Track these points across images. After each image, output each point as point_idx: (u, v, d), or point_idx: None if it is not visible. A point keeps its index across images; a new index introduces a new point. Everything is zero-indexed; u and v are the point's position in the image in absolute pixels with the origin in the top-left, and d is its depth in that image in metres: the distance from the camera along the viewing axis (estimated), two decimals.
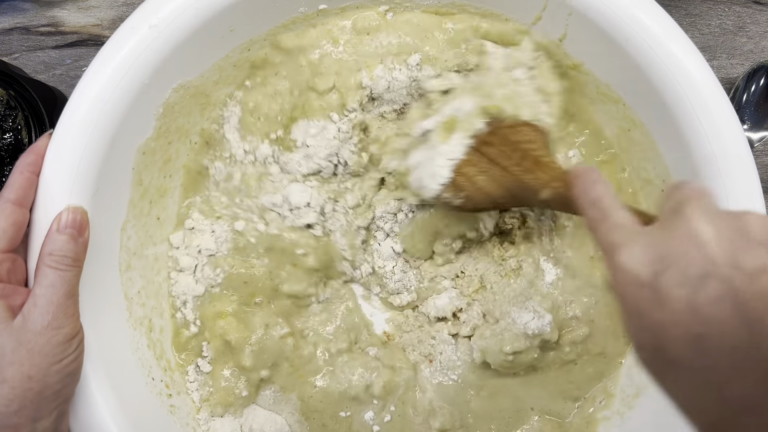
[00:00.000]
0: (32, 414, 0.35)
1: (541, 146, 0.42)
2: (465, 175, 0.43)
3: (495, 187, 0.43)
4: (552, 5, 0.44)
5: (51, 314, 0.35)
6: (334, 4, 0.47)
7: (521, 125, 0.43)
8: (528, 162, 0.41)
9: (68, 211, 0.38)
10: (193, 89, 0.46)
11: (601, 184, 0.32)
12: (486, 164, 0.43)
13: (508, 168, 0.42)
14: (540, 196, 0.40)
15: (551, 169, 0.40)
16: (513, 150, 0.42)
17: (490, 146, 0.43)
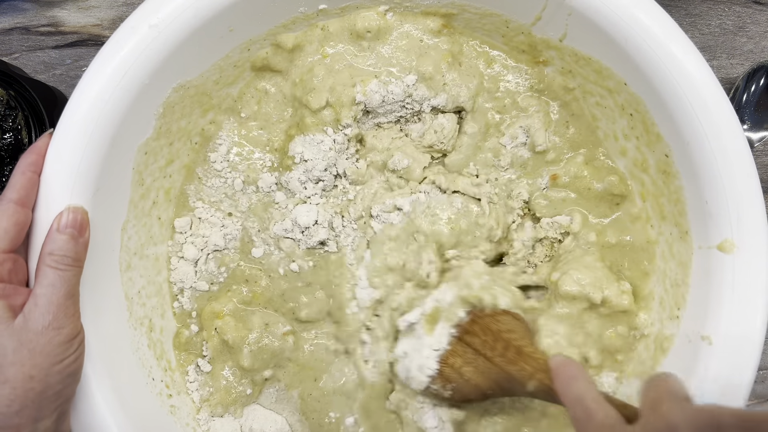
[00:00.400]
0: (34, 414, 0.35)
1: (523, 335, 0.44)
2: (452, 367, 0.44)
3: (482, 379, 0.44)
4: (552, 5, 0.44)
5: (52, 314, 0.35)
6: (334, 4, 0.47)
7: (500, 314, 0.45)
8: (511, 352, 0.42)
9: (68, 211, 0.38)
10: (193, 89, 0.46)
11: (581, 381, 0.33)
12: (471, 355, 0.44)
13: (492, 359, 0.43)
14: (527, 388, 0.41)
15: (534, 360, 0.41)
16: (495, 340, 0.43)
17: (474, 336, 0.44)
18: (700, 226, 0.43)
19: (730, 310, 0.40)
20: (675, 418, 0.27)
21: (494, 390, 0.43)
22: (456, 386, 0.44)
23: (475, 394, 0.44)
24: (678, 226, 0.45)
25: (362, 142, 0.51)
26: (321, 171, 0.48)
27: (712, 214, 0.41)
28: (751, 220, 0.40)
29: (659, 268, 0.47)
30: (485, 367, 0.43)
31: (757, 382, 0.59)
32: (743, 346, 0.40)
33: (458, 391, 0.44)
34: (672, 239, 0.46)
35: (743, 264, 0.40)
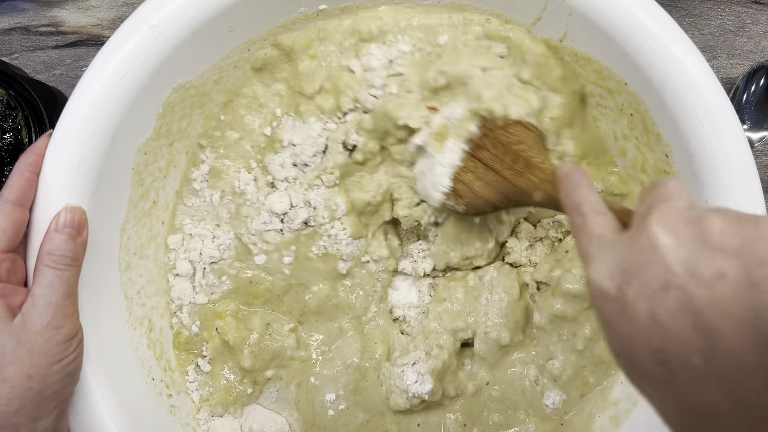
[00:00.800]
0: (32, 413, 0.35)
1: (532, 145, 0.43)
2: (464, 183, 0.44)
3: (492, 192, 0.43)
4: (552, 5, 0.44)
5: (50, 314, 0.35)
6: (334, 4, 0.47)
7: (512, 124, 0.43)
8: (520, 164, 0.42)
9: (66, 211, 0.38)
10: (193, 89, 0.46)
11: (584, 188, 0.33)
12: (482, 170, 0.44)
13: (501, 172, 0.43)
14: (533, 198, 0.41)
15: (542, 171, 0.41)
16: (505, 153, 0.43)
17: (484, 150, 0.44)
18: None
19: None
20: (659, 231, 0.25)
21: (504, 202, 0.44)
22: (469, 201, 0.45)
23: (487, 206, 0.44)
24: None
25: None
26: (309, 157, 0.48)
27: None
28: None
29: None
30: (494, 180, 0.43)
31: None
32: None
33: (471, 205, 0.45)
34: None
35: None
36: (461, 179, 0.44)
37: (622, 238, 0.28)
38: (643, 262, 0.26)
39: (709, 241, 0.24)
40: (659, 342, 0.24)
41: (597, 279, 0.27)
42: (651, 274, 0.25)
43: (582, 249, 0.30)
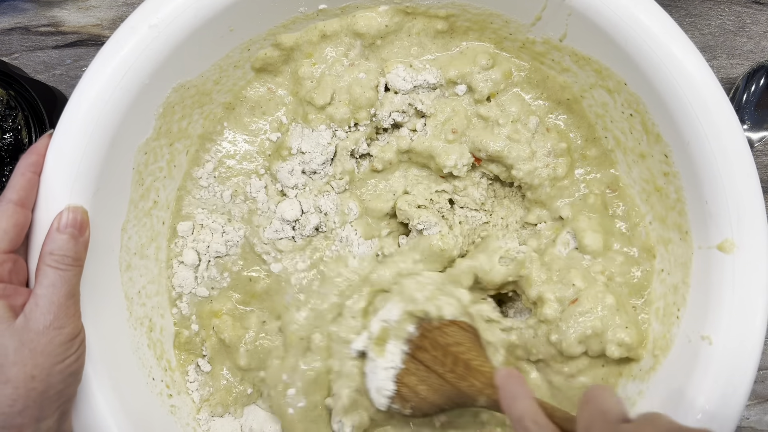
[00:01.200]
0: (36, 414, 0.35)
1: (470, 347, 0.44)
2: (407, 386, 0.45)
3: (437, 396, 0.44)
4: (552, 5, 0.44)
5: (53, 314, 0.35)
6: (334, 4, 0.47)
7: (448, 325, 0.45)
8: (460, 368, 0.43)
9: (68, 211, 0.38)
10: (194, 89, 0.46)
11: (521, 399, 0.35)
12: (424, 372, 0.45)
13: (443, 375, 0.44)
14: (477, 403, 0.42)
15: (483, 375, 0.42)
16: (444, 355, 0.44)
17: (424, 351, 0.45)
18: (700, 226, 0.43)
19: (730, 310, 0.40)
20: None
21: (450, 405, 0.44)
22: (414, 404, 0.45)
23: (433, 409, 0.45)
24: (678, 227, 0.45)
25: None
26: (318, 164, 0.48)
27: (712, 214, 0.41)
28: (751, 220, 0.40)
29: (659, 268, 0.47)
30: (438, 384, 0.44)
31: (757, 382, 0.59)
32: (743, 346, 0.40)
33: (417, 408, 0.45)
34: (672, 239, 0.46)
35: (743, 264, 0.40)
36: (405, 382, 0.45)
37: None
38: None
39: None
40: None
41: None
42: None
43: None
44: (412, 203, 0.50)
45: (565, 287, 0.47)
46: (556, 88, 0.50)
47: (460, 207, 0.52)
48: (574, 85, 0.49)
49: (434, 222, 0.49)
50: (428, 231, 0.49)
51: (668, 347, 0.44)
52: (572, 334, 0.45)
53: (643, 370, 0.46)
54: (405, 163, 0.52)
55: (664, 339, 0.45)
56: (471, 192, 0.51)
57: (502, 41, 0.50)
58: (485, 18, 0.48)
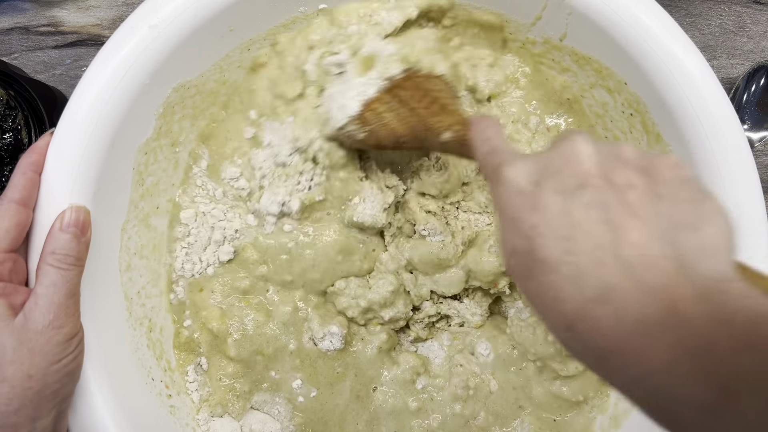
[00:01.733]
0: (32, 413, 0.35)
1: (450, 96, 0.44)
2: (373, 111, 0.44)
3: (400, 125, 0.43)
4: (552, 5, 0.44)
5: (52, 313, 0.36)
6: (334, 4, 0.47)
7: (435, 77, 0.45)
8: (436, 106, 0.43)
9: (71, 210, 0.38)
10: (193, 89, 0.46)
11: (495, 127, 0.34)
12: (396, 104, 0.44)
13: (416, 109, 0.43)
14: (441, 138, 0.41)
15: (456, 116, 0.41)
16: (423, 95, 0.44)
17: (403, 90, 0.44)
18: None
19: None
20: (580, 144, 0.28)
21: (409, 138, 0.43)
22: (372, 129, 0.44)
23: (390, 139, 0.44)
24: None
25: None
26: (286, 156, 0.48)
27: None
28: (751, 220, 0.40)
29: None
30: (407, 115, 0.43)
31: None
32: None
33: (373, 133, 0.44)
34: None
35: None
36: (372, 108, 0.44)
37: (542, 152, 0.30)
38: (562, 163, 0.27)
39: (623, 159, 0.27)
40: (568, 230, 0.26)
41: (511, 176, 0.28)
42: (569, 172, 0.27)
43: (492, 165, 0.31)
44: (424, 206, 0.50)
45: None
46: (556, 87, 0.50)
47: (463, 212, 0.51)
48: (574, 85, 0.49)
49: (439, 231, 0.48)
50: (431, 238, 0.49)
51: None
52: None
53: None
54: None
55: None
56: (476, 196, 0.51)
57: (503, 42, 0.50)
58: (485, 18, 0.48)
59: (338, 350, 0.49)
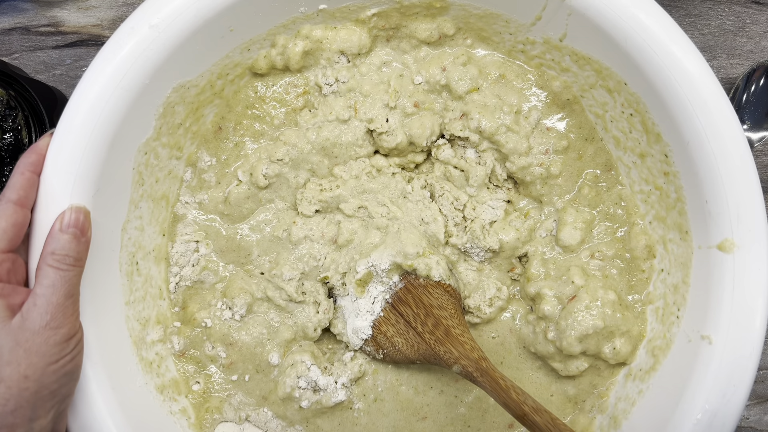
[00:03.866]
0: (29, 413, 0.35)
1: (453, 314, 0.46)
2: (384, 335, 0.47)
3: (412, 352, 0.46)
4: (552, 5, 0.44)
5: (50, 314, 0.35)
6: (334, 4, 0.47)
7: (433, 286, 0.46)
8: (440, 331, 0.45)
9: (71, 211, 0.38)
10: (193, 89, 0.46)
11: None
12: (403, 326, 0.46)
13: (422, 335, 0.45)
14: (452, 369, 0.44)
15: (461, 345, 0.44)
16: (426, 315, 0.46)
17: (407, 306, 0.46)
18: (700, 225, 0.43)
19: (730, 309, 0.40)
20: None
21: (422, 361, 0.46)
22: (388, 353, 0.47)
23: (405, 361, 0.47)
24: (678, 226, 0.45)
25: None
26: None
27: (712, 214, 0.41)
28: (751, 220, 0.40)
29: (659, 268, 0.47)
30: (415, 341, 0.46)
31: (757, 382, 0.59)
32: (743, 346, 0.40)
33: (389, 356, 0.47)
34: (672, 239, 0.46)
35: (743, 263, 0.40)
36: (382, 331, 0.47)
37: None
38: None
39: None
40: None
41: None
42: None
43: None
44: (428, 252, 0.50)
45: (564, 284, 0.47)
46: (556, 87, 0.50)
47: (471, 220, 0.51)
48: (574, 85, 0.49)
49: (442, 271, 0.48)
50: (431, 273, 0.48)
51: (668, 347, 0.44)
52: (572, 333, 0.45)
53: (643, 370, 0.46)
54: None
55: (664, 339, 0.45)
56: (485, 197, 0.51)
57: (503, 42, 0.50)
58: (486, 18, 0.48)
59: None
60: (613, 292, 0.47)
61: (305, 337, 0.50)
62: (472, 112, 0.49)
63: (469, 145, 0.50)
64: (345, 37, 0.49)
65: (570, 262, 0.49)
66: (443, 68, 0.50)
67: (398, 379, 0.50)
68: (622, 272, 0.49)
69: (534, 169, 0.49)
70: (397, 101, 0.49)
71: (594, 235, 0.50)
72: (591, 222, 0.49)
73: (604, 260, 0.49)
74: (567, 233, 0.48)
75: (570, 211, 0.49)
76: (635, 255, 0.48)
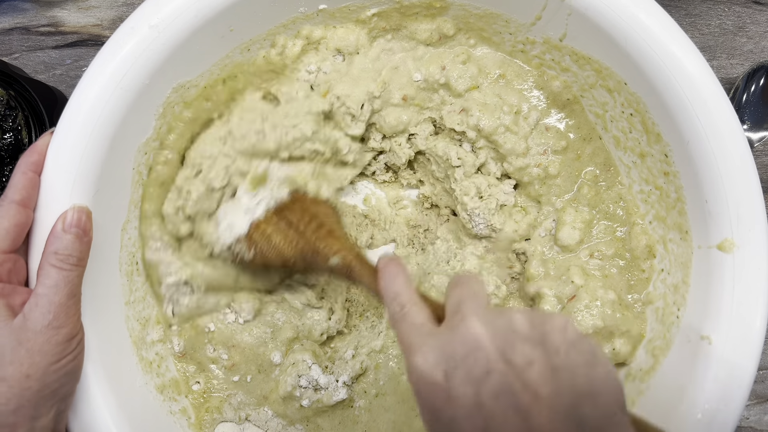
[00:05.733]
0: (30, 413, 0.35)
1: (336, 222, 0.46)
2: (262, 233, 0.46)
3: (288, 247, 0.45)
4: (552, 5, 0.44)
5: (52, 314, 0.35)
6: (334, 4, 0.47)
7: (322, 201, 0.47)
8: (323, 231, 0.45)
9: (73, 211, 0.38)
10: (193, 89, 0.46)
11: (401, 278, 0.35)
12: (284, 226, 0.46)
13: (304, 232, 0.45)
14: (329, 262, 0.43)
15: (342, 241, 0.44)
16: (311, 218, 0.46)
17: (291, 212, 0.46)
18: (700, 225, 0.43)
19: (730, 309, 0.40)
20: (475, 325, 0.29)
21: (297, 260, 0.45)
22: (261, 250, 0.45)
23: (277, 260, 0.45)
24: (678, 226, 0.45)
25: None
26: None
27: (712, 214, 0.41)
28: (751, 220, 0.40)
29: (658, 268, 0.47)
30: (295, 237, 0.45)
31: (757, 382, 0.59)
32: (743, 346, 0.40)
33: (261, 254, 0.46)
34: (672, 239, 0.46)
35: (743, 263, 0.40)
36: (260, 229, 0.46)
37: (442, 329, 0.31)
38: (466, 350, 0.29)
39: (518, 333, 0.29)
40: (483, 422, 0.27)
41: (423, 368, 0.30)
42: (474, 361, 0.28)
43: (404, 338, 0.32)
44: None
45: (564, 284, 0.47)
46: (556, 87, 0.50)
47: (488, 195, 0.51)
48: (574, 85, 0.49)
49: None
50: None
51: (668, 347, 0.44)
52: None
53: (643, 370, 0.46)
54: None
55: (664, 339, 0.45)
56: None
57: (503, 42, 0.50)
58: (486, 18, 0.48)
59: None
60: (612, 291, 0.47)
61: (309, 337, 0.50)
62: (472, 109, 0.49)
63: (465, 140, 0.50)
64: (342, 36, 0.48)
65: (569, 261, 0.49)
66: (443, 67, 0.50)
67: (400, 368, 0.50)
68: (621, 272, 0.49)
69: (531, 170, 0.49)
70: (383, 92, 0.49)
71: (593, 234, 0.50)
72: (590, 222, 0.49)
73: (603, 260, 0.49)
74: (566, 233, 0.48)
75: (569, 211, 0.49)
76: (635, 255, 0.48)
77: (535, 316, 0.30)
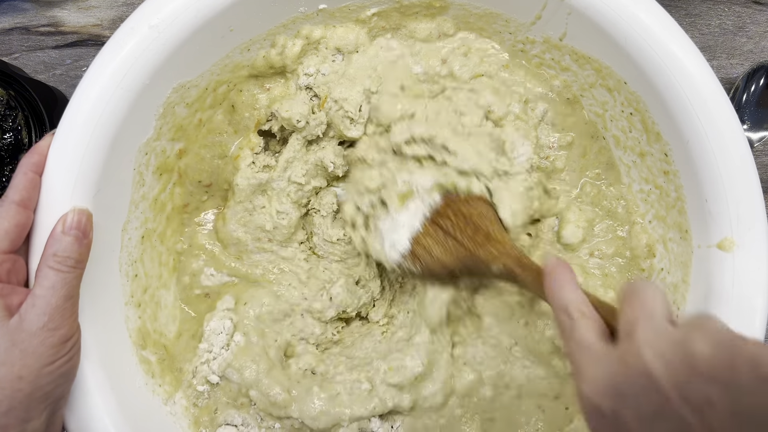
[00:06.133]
0: (22, 415, 0.34)
1: (492, 220, 0.45)
2: (423, 246, 0.46)
3: (451, 259, 0.45)
4: (551, 4, 0.44)
5: (48, 315, 0.35)
6: (334, 4, 0.47)
7: (474, 199, 0.46)
8: (480, 236, 0.44)
9: (74, 213, 0.38)
10: (193, 89, 0.46)
11: (569, 287, 0.34)
12: (442, 236, 0.46)
13: (462, 241, 0.45)
14: (491, 269, 0.43)
15: (501, 245, 0.43)
16: (466, 223, 0.45)
17: (446, 218, 0.46)
18: (699, 225, 0.43)
19: (730, 309, 0.40)
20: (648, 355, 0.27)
21: (461, 269, 0.45)
22: (426, 264, 0.46)
23: (443, 271, 0.46)
24: (678, 225, 0.45)
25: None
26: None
27: (712, 213, 0.41)
28: (751, 219, 0.40)
29: (658, 267, 0.47)
30: (454, 248, 0.45)
31: None
32: None
33: (427, 268, 0.46)
34: (672, 238, 0.46)
35: (743, 263, 0.40)
36: (421, 243, 0.46)
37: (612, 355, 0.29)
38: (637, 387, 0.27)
39: (696, 365, 0.26)
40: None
41: (590, 396, 0.29)
42: (645, 399, 0.26)
43: (571, 357, 0.31)
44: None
45: None
46: (556, 87, 0.50)
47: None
48: (574, 84, 0.49)
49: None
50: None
51: None
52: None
53: None
54: None
55: None
56: None
57: (503, 41, 0.50)
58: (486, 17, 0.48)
59: None
60: (612, 290, 0.47)
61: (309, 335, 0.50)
62: (482, 91, 0.48)
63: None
64: (342, 35, 0.48)
65: (569, 260, 0.49)
66: (443, 60, 0.49)
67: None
68: (621, 271, 0.49)
69: (540, 161, 0.49)
70: (380, 86, 0.49)
71: (595, 233, 0.50)
72: (593, 220, 0.49)
73: (603, 258, 0.49)
74: (569, 231, 0.48)
75: (573, 209, 0.49)
76: (635, 254, 0.48)
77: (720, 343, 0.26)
